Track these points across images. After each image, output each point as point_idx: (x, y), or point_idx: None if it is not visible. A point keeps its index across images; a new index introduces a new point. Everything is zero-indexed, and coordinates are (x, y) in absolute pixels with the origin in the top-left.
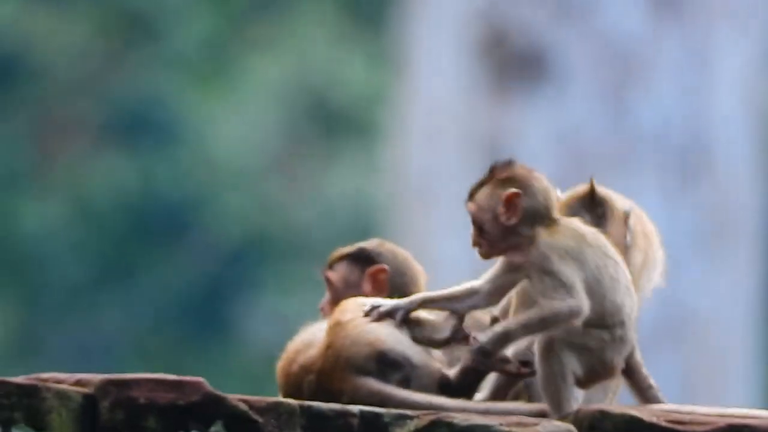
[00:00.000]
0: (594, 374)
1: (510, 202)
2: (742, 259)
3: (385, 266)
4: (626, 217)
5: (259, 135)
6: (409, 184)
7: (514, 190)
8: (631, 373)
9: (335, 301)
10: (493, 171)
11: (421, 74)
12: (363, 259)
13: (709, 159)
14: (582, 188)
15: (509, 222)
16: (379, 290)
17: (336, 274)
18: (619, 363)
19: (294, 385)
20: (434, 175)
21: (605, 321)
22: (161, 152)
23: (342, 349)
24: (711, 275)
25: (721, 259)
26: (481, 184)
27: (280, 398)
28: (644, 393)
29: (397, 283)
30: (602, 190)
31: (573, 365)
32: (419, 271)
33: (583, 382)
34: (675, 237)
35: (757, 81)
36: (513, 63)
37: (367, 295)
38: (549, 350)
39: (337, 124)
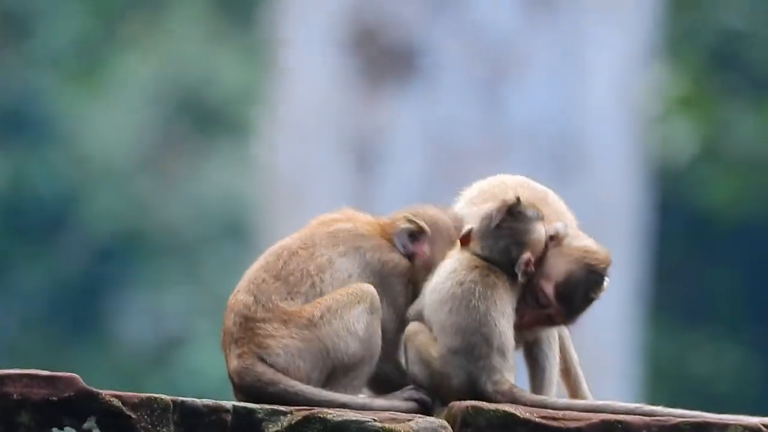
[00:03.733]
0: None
1: None
2: (617, 255)
3: None
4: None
5: (132, 133)
6: (281, 182)
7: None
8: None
9: None
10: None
11: (293, 71)
12: None
13: (582, 154)
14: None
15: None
16: None
17: None
18: (451, 385)
19: None
20: (306, 172)
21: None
22: (34, 149)
23: None
24: None
25: None
26: None
27: (153, 394)
28: None
29: None
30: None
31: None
32: None
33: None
34: None
35: (630, 76)
36: (384, 58)
37: None
38: (406, 337)
39: (210, 121)
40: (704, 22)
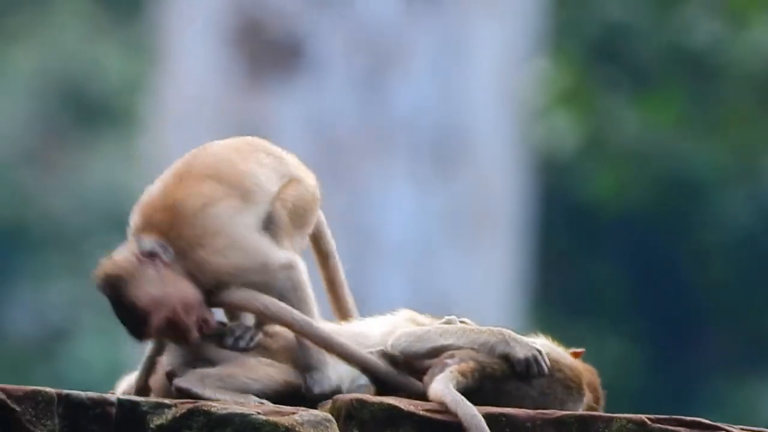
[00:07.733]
0: None
1: None
2: (498, 248)
3: None
4: None
5: (14, 125)
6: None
7: None
8: None
9: None
10: None
11: (178, 63)
12: None
13: (465, 146)
14: None
15: None
16: None
17: None
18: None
19: None
20: None
21: None
22: None
23: None
24: (466, 264)
25: (476, 248)
26: None
27: (38, 387)
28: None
29: None
30: None
31: None
32: None
33: None
34: (428, 225)
35: (513, 68)
36: (268, 51)
37: None
38: None
39: (94, 113)
40: (587, 15)
